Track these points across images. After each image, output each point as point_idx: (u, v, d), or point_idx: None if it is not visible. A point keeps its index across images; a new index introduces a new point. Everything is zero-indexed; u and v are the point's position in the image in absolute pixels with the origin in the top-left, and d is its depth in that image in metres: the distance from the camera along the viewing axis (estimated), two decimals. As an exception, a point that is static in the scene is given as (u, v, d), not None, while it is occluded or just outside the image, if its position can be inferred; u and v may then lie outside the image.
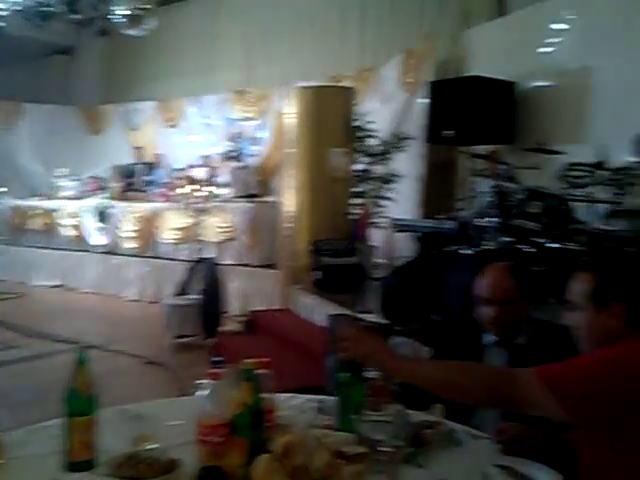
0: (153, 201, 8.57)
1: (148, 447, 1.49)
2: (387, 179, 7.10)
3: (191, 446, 1.47)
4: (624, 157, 4.24)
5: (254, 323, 5.91)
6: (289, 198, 6.36)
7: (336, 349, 1.64)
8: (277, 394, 1.69)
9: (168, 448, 1.48)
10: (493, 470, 1.45)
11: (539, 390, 1.38)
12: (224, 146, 9.04)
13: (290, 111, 6.32)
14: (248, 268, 7.26)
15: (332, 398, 2.06)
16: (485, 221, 3.94)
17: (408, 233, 5.93)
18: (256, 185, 8.59)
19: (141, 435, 1.55)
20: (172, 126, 10.01)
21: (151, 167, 9.54)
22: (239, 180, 8.37)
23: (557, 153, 4.18)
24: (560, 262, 3.70)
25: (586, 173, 3.73)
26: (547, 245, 3.75)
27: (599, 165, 3.76)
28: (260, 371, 1.54)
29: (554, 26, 6.21)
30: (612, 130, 5.04)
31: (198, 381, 1.54)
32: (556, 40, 6.19)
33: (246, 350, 4.26)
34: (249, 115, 9.25)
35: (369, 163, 7.19)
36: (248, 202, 7.72)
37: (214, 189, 8.16)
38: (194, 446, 1.46)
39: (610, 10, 5.46)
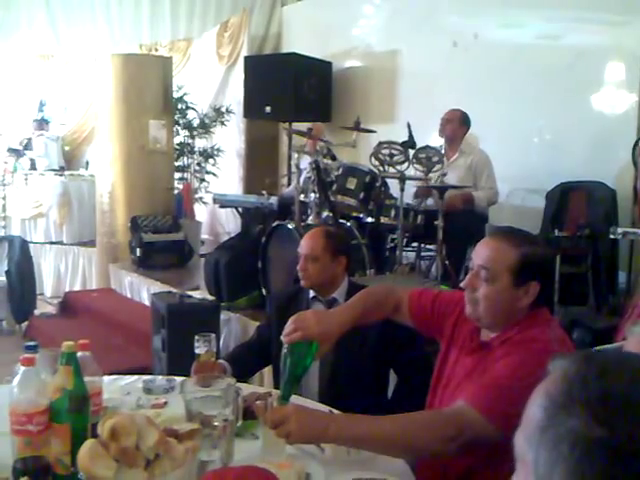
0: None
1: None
2: (209, 154, 7.03)
3: (6, 437, 1.37)
4: (429, 136, 4.61)
5: (71, 305, 5.58)
6: (104, 171, 6.01)
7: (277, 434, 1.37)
8: (101, 377, 1.64)
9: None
10: None
11: (476, 417, 1.34)
12: (28, 115, 8.27)
13: (103, 79, 5.95)
14: (61, 246, 6.84)
15: (159, 377, 2.05)
16: (306, 197, 4.07)
17: (231, 209, 5.95)
18: (66, 157, 8.01)
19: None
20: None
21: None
22: (47, 151, 7.75)
23: (370, 131, 4.42)
24: (376, 236, 3.97)
25: (397, 151, 3.97)
26: (364, 221, 3.98)
27: (407, 144, 4.01)
28: (80, 354, 1.46)
29: (364, 9, 6.52)
30: (418, 110, 5.47)
31: (12, 368, 1.43)
32: (367, 23, 6.51)
33: (63, 333, 4.03)
34: (56, 80, 8.54)
35: (190, 136, 7.06)
36: (57, 175, 7.20)
37: (18, 160, 7.47)
38: (10, 437, 1.37)
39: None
